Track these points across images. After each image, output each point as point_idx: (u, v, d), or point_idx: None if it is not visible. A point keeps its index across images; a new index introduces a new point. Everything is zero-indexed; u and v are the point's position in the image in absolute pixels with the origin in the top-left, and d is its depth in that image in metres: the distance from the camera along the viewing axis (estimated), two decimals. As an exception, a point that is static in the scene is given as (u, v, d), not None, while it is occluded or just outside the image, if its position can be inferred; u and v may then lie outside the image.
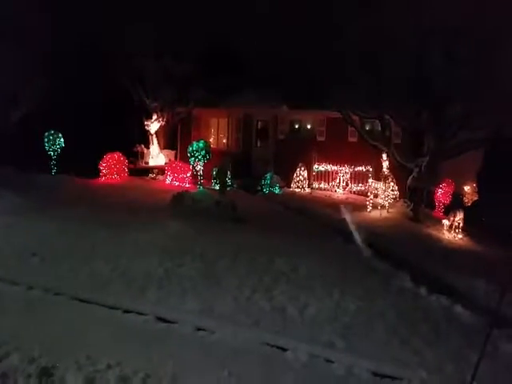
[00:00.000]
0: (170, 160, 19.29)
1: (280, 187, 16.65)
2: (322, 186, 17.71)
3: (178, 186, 15.98)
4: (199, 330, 4.65)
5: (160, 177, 18.06)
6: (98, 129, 18.46)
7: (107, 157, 16.32)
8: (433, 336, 5.08)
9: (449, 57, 13.21)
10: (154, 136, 19.42)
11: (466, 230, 12.99)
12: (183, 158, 18.82)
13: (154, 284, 5.82)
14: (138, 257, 6.88)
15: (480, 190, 27.16)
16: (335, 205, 14.71)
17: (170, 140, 20.72)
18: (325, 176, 17.80)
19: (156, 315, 4.84)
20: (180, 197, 10.93)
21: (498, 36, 13.11)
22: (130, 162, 17.69)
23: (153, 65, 17.96)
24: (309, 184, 17.46)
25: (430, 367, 4.33)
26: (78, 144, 16.41)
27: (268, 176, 16.61)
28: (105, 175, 16.13)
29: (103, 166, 16.16)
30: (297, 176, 17.22)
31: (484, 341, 3.92)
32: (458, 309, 6.07)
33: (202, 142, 16.17)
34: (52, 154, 16.29)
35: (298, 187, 17.11)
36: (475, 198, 25.17)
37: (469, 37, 13.19)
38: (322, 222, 11.53)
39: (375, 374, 4.07)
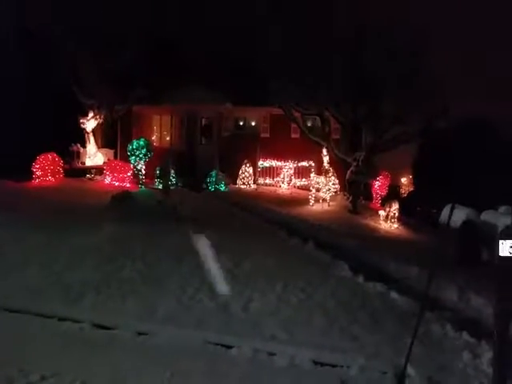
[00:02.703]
0: (108, 159, 18.58)
1: (226, 184, 16.63)
2: (267, 181, 17.92)
3: (118, 186, 15.41)
4: (140, 334, 4.53)
5: (98, 177, 17.32)
6: (30, 128, 17.39)
7: (40, 158, 15.41)
8: (370, 322, 5.29)
9: (382, 54, 13.87)
10: (91, 134, 18.61)
11: (401, 219, 13.73)
12: (123, 156, 18.23)
13: (91, 290, 5.58)
14: (75, 262, 6.57)
15: (415, 181, 28.82)
16: (280, 200, 14.98)
17: (108, 138, 19.92)
18: (270, 172, 18.03)
19: (93, 322, 4.66)
20: (120, 197, 10.60)
21: (428, 34, 13.98)
22: (65, 163, 16.82)
23: (88, 61, 17.18)
24: (254, 180, 17.60)
25: (368, 352, 4.50)
26: (8, 145, 15.38)
27: (213, 173, 16.52)
28: (38, 177, 15.22)
29: (36, 168, 15.26)
30: (242, 172, 17.28)
31: (415, 324, 4.15)
32: (394, 295, 6.38)
33: (143, 139, 15.80)
34: (-21, 156, 15.13)
35: (243, 184, 17.18)
36: (411, 189, 26.69)
37: (401, 35, 13.93)
38: (266, 218, 11.71)
39: (316, 363, 4.18)
